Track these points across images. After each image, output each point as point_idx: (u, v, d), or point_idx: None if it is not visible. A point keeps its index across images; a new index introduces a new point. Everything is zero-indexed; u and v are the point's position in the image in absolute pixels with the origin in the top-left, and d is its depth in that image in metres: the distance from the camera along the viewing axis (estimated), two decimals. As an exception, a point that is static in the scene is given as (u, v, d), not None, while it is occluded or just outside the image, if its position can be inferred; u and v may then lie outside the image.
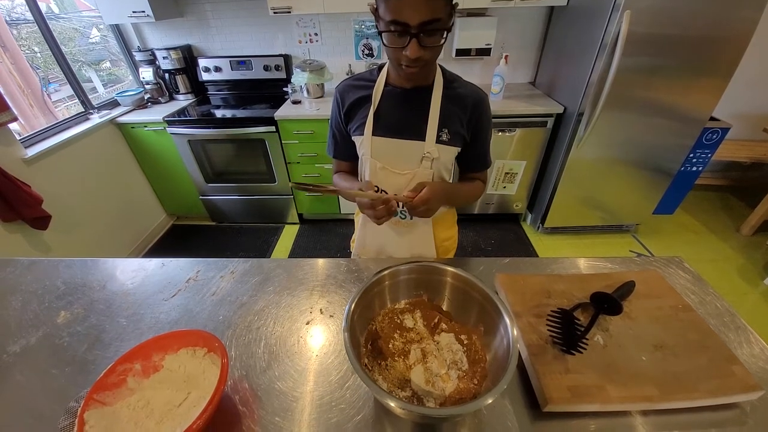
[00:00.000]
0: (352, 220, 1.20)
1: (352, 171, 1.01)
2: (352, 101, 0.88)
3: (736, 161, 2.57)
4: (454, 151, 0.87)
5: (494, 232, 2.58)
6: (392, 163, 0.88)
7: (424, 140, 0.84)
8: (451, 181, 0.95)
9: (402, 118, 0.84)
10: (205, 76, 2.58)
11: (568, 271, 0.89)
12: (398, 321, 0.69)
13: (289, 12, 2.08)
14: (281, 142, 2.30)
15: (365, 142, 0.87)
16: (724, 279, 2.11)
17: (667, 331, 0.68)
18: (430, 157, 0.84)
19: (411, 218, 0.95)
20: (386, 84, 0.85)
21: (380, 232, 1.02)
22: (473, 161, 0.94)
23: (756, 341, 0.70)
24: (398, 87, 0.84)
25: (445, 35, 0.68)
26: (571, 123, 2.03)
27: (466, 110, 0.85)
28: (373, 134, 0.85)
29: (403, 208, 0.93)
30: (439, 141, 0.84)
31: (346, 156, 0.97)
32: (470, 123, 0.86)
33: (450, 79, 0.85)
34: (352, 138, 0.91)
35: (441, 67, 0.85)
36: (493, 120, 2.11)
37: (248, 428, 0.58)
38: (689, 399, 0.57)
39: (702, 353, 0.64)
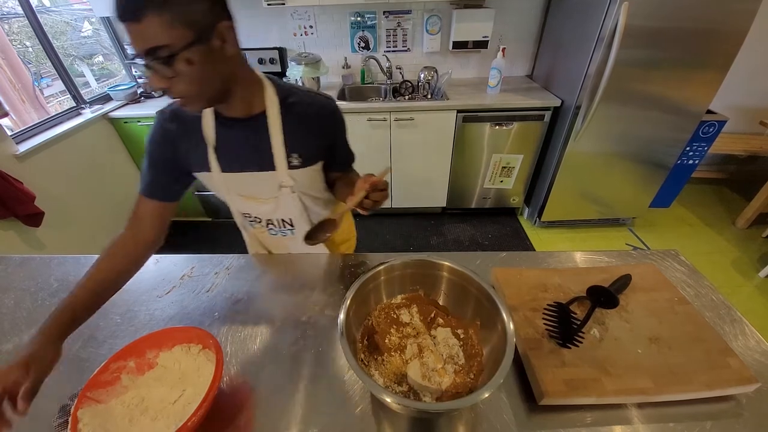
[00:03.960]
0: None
1: (160, 215, 0.81)
2: (181, 131, 0.75)
3: (732, 154, 2.57)
4: (313, 170, 0.82)
5: (491, 227, 2.58)
6: (252, 192, 0.84)
7: (275, 170, 0.78)
8: (322, 189, 0.91)
9: (244, 151, 0.76)
10: (199, 70, 2.54)
11: (564, 264, 0.89)
12: (394, 316, 0.69)
13: (284, 4, 2.05)
14: (277, 137, 2.27)
15: (215, 180, 0.79)
16: (720, 272, 2.12)
17: (663, 324, 0.68)
18: (287, 185, 0.80)
19: (293, 234, 0.93)
20: (216, 116, 0.74)
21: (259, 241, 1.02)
22: (340, 164, 0.89)
23: (751, 333, 0.71)
24: (229, 118, 0.73)
25: (186, 61, 0.56)
26: (568, 116, 2.02)
27: (313, 127, 0.77)
28: (222, 171, 0.77)
29: (280, 227, 0.91)
30: (291, 167, 0.78)
31: (166, 194, 0.79)
32: (324, 137, 0.80)
33: (284, 96, 0.74)
34: (194, 174, 0.80)
35: (273, 82, 0.74)
36: (490, 113, 2.14)
37: (244, 425, 0.58)
38: (685, 391, 0.58)
39: (698, 346, 0.64)
